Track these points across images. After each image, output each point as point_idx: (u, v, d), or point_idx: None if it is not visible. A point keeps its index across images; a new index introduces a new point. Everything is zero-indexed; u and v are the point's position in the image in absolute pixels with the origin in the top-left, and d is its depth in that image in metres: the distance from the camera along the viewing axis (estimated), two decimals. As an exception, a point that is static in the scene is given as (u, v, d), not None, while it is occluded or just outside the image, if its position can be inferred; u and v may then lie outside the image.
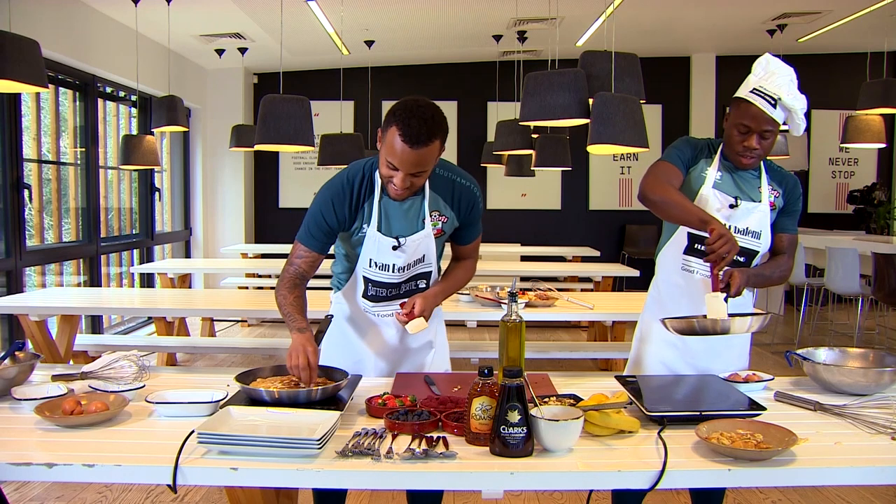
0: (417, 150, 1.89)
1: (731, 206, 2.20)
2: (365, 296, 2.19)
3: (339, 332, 2.26)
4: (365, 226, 2.09)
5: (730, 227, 2.20)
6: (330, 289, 2.35)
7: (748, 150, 2.16)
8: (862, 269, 5.90)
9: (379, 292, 2.18)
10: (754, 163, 2.20)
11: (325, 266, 2.25)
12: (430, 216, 2.11)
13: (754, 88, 2.14)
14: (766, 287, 2.40)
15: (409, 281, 2.18)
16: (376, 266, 2.13)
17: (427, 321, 2.11)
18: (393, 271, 2.13)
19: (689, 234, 2.25)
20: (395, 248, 2.09)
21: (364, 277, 2.16)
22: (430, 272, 2.20)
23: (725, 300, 2.06)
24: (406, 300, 2.13)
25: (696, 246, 2.25)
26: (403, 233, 2.10)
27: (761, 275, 2.21)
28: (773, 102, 2.10)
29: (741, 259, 2.22)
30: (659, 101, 8.57)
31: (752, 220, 2.22)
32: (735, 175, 2.25)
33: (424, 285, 2.21)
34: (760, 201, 2.23)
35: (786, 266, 2.27)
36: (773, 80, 2.13)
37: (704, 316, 2.05)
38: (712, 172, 2.24)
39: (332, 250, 2.25)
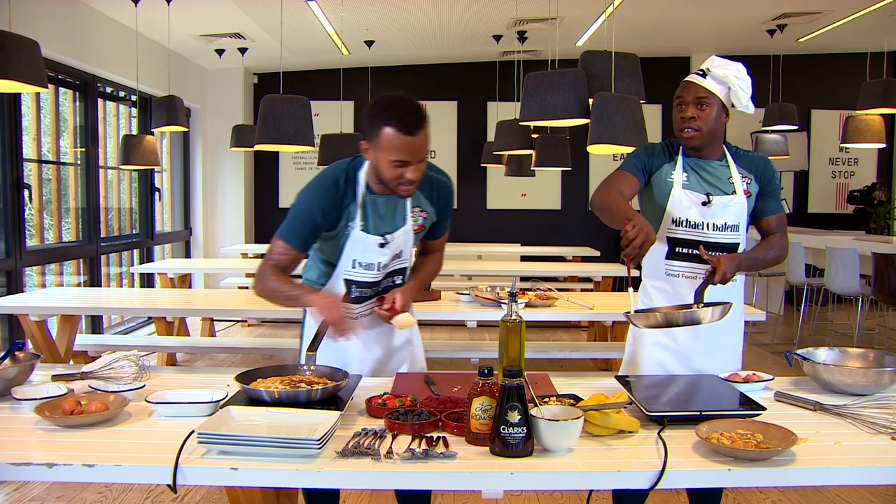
0: (417, 136, 1.95)
1: (704, 204, 2.19)
2: (348, 299, 2.18)
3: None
4: (351, 223, 2.10)
5: (706, 224, 2.20)
6: None
7: (685, 120, 2.18)
8: (862, 269, 5.90)
9: (363, 293, 2.19)
10: (695, 137, 2.19)
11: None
12: (412, 212, 2.16)
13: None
14: (762, 269, 2.40)
15: (386, 278, 2.21)
16: (360, 266, 2.14)
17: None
18: (378, 269, 2.16)
19: (668, 238, 2.24)
20: (381, 245, 2.11)
21: (346, 280, 2.16)
22: (406, 268, 2.25)
23: (703, 288, 2.06)
24: (384, 296, 2.15)
25: (676, 249, 2.24)
26: (387, 230, 2.13)
27: (754, 258, 2.20)
28: (702, 73, 2.19)
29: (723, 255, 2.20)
30: (659, 101, 8.49)
31: (730, 214, 2.20)
32: (701, 171, 2.23)
33: (400, 281, 2.24)
34: (735, 192, 2.21)
35: (780, 244, 2.25)
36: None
37: (679, 307, 2.07)
38: (678, 174, 2.23)
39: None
